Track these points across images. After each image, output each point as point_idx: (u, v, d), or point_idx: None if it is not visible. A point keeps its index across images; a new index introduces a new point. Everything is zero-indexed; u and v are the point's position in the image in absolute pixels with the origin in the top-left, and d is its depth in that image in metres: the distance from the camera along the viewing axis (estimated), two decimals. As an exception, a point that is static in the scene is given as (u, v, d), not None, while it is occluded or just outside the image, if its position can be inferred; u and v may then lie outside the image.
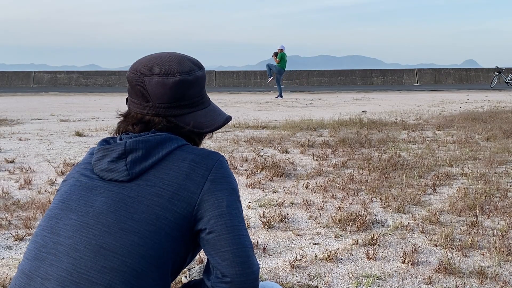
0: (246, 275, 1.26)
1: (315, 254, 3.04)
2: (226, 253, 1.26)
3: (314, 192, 4.51)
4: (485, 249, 3.10)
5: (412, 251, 3.02)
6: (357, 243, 3.21)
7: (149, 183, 1.26)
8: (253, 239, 3.32)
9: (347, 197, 4.31)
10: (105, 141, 1.36)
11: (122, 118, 1.43)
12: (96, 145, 1.36)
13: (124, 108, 1.48)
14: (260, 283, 1.44)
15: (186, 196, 1.26)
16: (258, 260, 2.96)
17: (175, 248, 1.26)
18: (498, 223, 3.60)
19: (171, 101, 1.35)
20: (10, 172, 5.32)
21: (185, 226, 1.26)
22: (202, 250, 2.37)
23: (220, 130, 9.01)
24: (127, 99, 1.43)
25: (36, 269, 1.22)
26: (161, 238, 1.23)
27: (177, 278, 2.54)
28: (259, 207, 4.07)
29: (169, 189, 1.26)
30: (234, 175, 5.19)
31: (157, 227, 1.23)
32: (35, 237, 1.29)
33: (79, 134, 8.31)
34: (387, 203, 4.08)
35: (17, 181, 4.91)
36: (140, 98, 1.37)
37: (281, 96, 19.27)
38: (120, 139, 1.34)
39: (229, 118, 1.47)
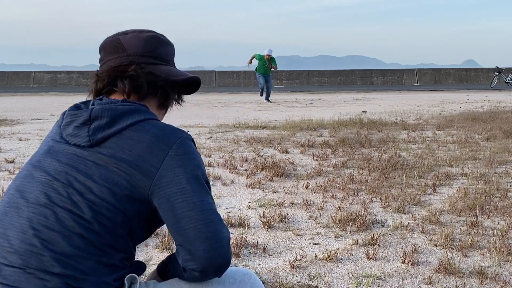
0: (214, 250, 1.23)
1: (315, 254, 3.04)
2: (190, 231, 1.24)
3: (314, 192, 4.51)
4: (485, 249, 3.10)
5: (412, 251, 3.02)
6: (357, 243, 3.21)
7: (110, 150, 1.29)
8: (253, 239, 3.32)
9: (347, 197, 4.31)
10: (76, 107, 1.41)
11: (95, 78, 1.47)
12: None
13: None
14: (233, 269, 1.41)
15: (144, 168, 1.27)
16: (258, 261, 2.97)
17: (130, 213, 1.27)
18: (498, 223, 3.60)
19: (145, 51, 1.45)
20: (10, 172, 5.32)
21: (142, 197, 1.28)
22: None
23: (219, 130, 9.01)
24: (97, 70, 1.49)
25: (0, 222, 1.28)
26: (116, 201, 1.26)
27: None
28: (259, 207, 4.07)
29: (128, 158, 1.27)
30: (234, 175, 5.20)
31: (113, 191, 1.26)
32: (3, 197, 1.35)
33: (79, 134, 8.32)
34: (387, 203, 4.08)
35: (17, 181, 4.91)
36: (115, 52, 1.45)
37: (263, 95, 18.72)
38: (93, 105, 1.38)
39: (199, 81, 1.54)
